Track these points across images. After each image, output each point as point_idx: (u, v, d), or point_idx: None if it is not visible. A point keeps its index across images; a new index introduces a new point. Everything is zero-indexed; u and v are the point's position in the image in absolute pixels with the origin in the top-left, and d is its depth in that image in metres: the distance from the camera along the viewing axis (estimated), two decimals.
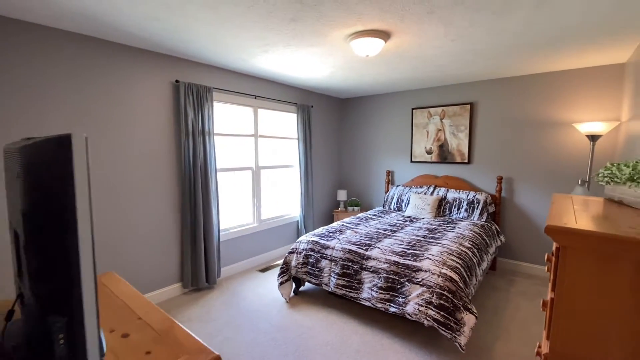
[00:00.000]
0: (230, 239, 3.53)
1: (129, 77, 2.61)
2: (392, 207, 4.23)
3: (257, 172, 3.80)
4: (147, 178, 2.78)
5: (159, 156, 2.84)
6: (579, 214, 1.19)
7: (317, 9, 1.92)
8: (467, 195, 3.67)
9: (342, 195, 4.86)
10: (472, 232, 3.02)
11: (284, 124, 4.19)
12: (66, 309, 0.57)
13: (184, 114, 2.89)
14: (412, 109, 4.32)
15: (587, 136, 2.99)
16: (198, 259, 3.03)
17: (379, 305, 2.32)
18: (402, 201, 4.14)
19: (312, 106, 4.43)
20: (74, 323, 0.58)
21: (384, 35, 2.30)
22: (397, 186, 4.36)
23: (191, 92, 2.93)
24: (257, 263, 3.89)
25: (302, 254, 2.88)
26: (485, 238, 3.05)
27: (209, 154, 3.06)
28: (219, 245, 3.25)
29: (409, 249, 2.56)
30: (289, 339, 2.33)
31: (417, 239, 2.82)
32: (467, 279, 2.28)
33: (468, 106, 3.85)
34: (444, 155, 4.09)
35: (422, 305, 2.11)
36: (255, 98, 3.66)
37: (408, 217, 3.75)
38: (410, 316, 2.15)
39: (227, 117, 3.45)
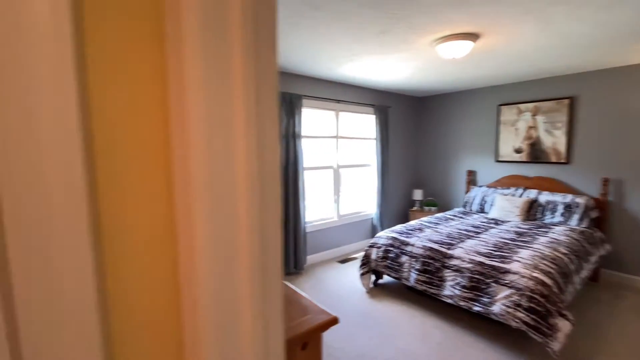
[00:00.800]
0: (314, 231, 3.89)
1: None
2: (473, 208, 4.10)
3: (337, 171, 4.08)
4: None
5: None
6: None
7: (407, 21, 2.06)
8: (564, 198, 3.37)
9: (417, 194, 4.86)
10: (569, 237, 2.80)
11: (362, 125, 4.39)
12: None
13: (279, 119, 3.30)
14: (499, 105, 4.10)
15: None
16: (288, 246, 3.44)
17: (462, 303, 2.37)
18: (485, 202, 3.98)
19: (389, 107, 4.54)
20: None
21: (473, 37, 2.32)
22: (480, 187, 4.19)
23: (285, 100, 3.33)
24: (336, 254, 4.18)
25: (382, 248, 3.05)
26: (586, 245, 2.80)
27: (298, 155, 3.44)
28: (305, 236, 3.62)
29: (495, 251, 2.53)
30: (371, 325, 2.54)
31: (504, 242, 2.75)
32: (562, 286, 2.17)
33: (566, 101, 3.52)
34: (535, 154, 3.81)
35: (509, 307, 2.10)
36: (338, 102, 3.94)
37: (492, 219, 3.61)
38: (497, 316, 2.16)
39: (312, 120, 3.80)
